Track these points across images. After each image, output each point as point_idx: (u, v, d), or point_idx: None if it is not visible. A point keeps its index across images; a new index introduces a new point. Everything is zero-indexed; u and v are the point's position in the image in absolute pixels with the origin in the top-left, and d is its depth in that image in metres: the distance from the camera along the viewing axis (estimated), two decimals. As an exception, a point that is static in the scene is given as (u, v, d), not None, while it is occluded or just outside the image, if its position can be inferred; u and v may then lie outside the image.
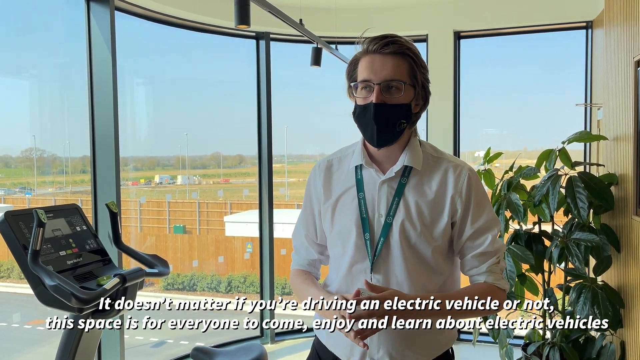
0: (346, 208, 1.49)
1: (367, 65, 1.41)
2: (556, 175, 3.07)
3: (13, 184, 4.11)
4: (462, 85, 4.57)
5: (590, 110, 4.20)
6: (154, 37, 4.36)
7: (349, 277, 1.48)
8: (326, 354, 1.56)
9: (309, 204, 1.60)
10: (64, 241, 2.07)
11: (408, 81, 1.41)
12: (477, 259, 1.46)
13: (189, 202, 5.75)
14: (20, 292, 4.25)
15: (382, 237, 1.44)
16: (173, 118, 4.87)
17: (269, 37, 4.48)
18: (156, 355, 4.66)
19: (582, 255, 2.96)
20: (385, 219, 1.44)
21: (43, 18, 3.67)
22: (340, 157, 1.58)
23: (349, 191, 1.50)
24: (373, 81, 1.39)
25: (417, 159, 1.46)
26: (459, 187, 1.44)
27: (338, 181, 1.54)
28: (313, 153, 5.98)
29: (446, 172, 1.47)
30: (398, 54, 1.40)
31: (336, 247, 1.52)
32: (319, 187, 1.56)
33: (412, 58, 1.41)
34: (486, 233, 1.46)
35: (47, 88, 3.95)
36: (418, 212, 1.43)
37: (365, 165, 1.49)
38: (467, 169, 1.48)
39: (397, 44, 1.40)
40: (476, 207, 1.45)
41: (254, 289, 5.31)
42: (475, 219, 1.45)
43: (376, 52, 1.40)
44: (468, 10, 4.41)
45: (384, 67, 1.39)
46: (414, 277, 1.43)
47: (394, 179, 1.46)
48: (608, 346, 3.02)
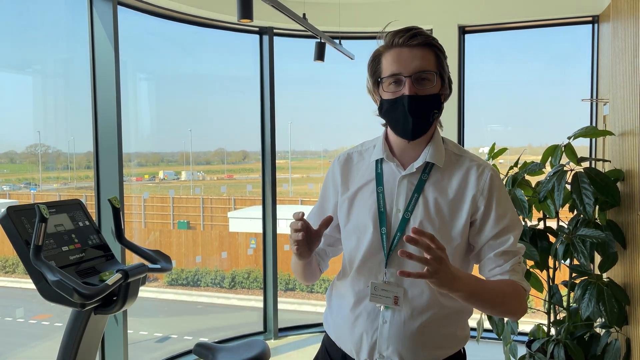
0: (364, 201, 1.48)
1: (394, 59, 1.39)
2: (562, 171, 3.05)
3: (18, 180, 4.12)
4: (467, 81, 4.54)
5: (596, 105, 4.17)
6: (157, 32, 4.35)
7: (364, 269, 1.46)
8: (335, 351, 1.54)
9: (325, 195, 1.60)
10: (67, 236, 2.07)
11: (436, 71, 1.41)
12: (501, 258, 1.42)
13: (193, 197, 5.76)
14: (25, 287, 4.26)
15: (398, 232, 1.42)
16: (176, 114, 4.86)
17: (272, 31, 4.46)
18: (160, 351, 4.67)
19: (588, 251, 2.94)
20: (403, 214, 1.43)
21: (46, 13, 3.66)
22: (361, 151, 1.57)
23: (368, 184, 1.49)
24: (403, 74, 1.38)
25: (439, 156, 1.45)
26: (480, 186, 1.42)
27: (357, 174, 1.53)
28: (317, 149, 5.97)
29: (468, 170, 1.45)
30: (424, 45, 1.40)
31: (350, 240, 1.50)
32: (338, 178, 1.55)
33: (437, 48, 1.42)
34: (509, 233, 1.43)
35: (50, 84, 3.95)
36: (437, 210, 1.41)
37: (386, 159, 1.48)
38: (489, 168, 1.46)
39: (422, 36, 1.40)
40: (499, 206, 1.43)
41: (258, 284, 5.32)
42: (499, 219, 1.42)
43: (403, 45, 1.39)
44: (473, 4, 4.38)
45: (414, 59, 1.38)
46: None
47: (414, 175, 1.45)
48: (613, 343, 3.00)
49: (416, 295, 1.41)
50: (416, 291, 1.41)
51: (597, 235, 2.90)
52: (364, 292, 1.45)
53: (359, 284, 1.47)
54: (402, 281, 1.41)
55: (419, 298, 1.41)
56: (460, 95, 4.51)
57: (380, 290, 1.41)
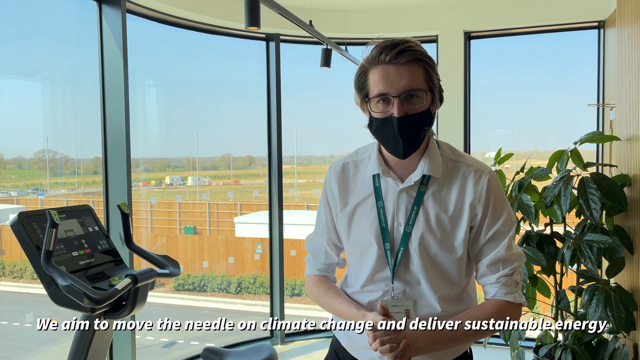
0: (365, 217, 1.46)
1: (381, 78, 1.34)
2: (568, 176, 3.05)
3: (26, 185, 4.15)
4: (473, 86, 4.55)
5: (602, 110, 4.16)
6: (165, 39, 4.39)
7: (371, 284, 1.46)
8: (345, 355, 1.55)
9: (327, 207, 1.57)
10: (77, 242, 2.09)
11: (426, 88, 1.36)
12: (489, 268, 1.43)
13: (199, 203, 5.78)
14: (34, 293, 4.29)
15: (401, 247, 1.42)
16: (183, 119, 4.89)
17: (279, 38, 4.49)
18: (167, 356, 4.68)
19: (595, 256, 2.93)
20: (404, 228, 1.42)
21: (55, 20, 3.70)
22: (356, 161, 1.53)
23: (367, 199, 1.47)
24: (391, 94, 1.34)
25: (436, 166, 1.43)
26: (478, 192, 1.41)
27: (355, 188, 1.50)
28: (323, 154, 5.99)
29: (465, 177, 1.43)
30: (412, 61, 1.34)
31: (354, 254, 1.50)
32: (335, 190, 1.53)
33: (426, 62, 1.37)
34: (500, 237, 1.43)
35: (59, 90, 3.98)
36: (437, 221, 1.40)
37: (382, 174, 1.45)
38: (486, 172, 1.44)
39: (410, 51, 1.33)
40: (494, 211, 1.42)
41: (264, 289, 5.32)
42: (493, 223, 1.42)
43: (389, 63, 1.33)
44: (478, 10, 4.39)
45: (401, 78, 1.33)
46: (434, 285, 1.42)
47: (412, 188, 1.43)
48: (621, 349, 2.99)
49: (424, 306, 1.42)
50: (424, 303, 1.42)
51: (605, 241, 2.89)
52: (372, 303, 1.46)
53: (368, 295, 1.47)
54: (410, 294, 1.42)
55: (428, 309, 1.42)
56: (466, 100, 4.52)
57: (390, 307, 1.42)
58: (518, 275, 1.44)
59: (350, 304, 1.46)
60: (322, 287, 1.56)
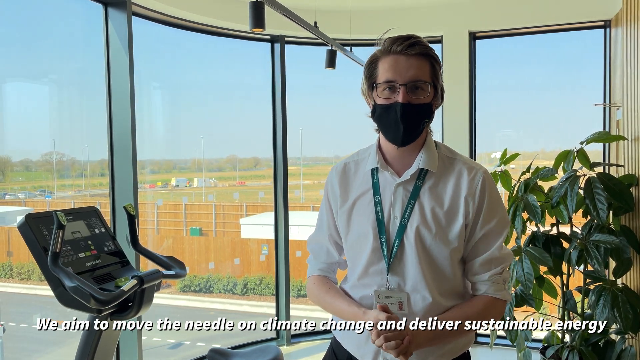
0: (363, 211, 1.50)
1: (390, 66, 1.41)
2: (574, 176, 3.03)
3: (33, 187, 4.18)
4: (478, 86, 4.54)
5: (609, 110, 4.14)
6: (171, 41, 4.41)
7: (366, 277, 1.49)
8: (342, 353, 1.57)
9: (328, 206, 1.61)
10: (83, 243, 2.10)
11: (430, 82, 1.43)
12: (481, 267, 1.46)
13: (205, 204, 5.80)
14: (41, 294, 4.31)
15: (397, 239, 1.44)
16: (189, 121, 4.91)
17: (283, 40, 4.50)
18: (173, 357, 4.69)
19: (602, 257, 2.91)
20: (400, 221, 1.45)
21: (62, 24, 3.73)
22: (357, 160, 1.59)
23: (365, 194, 1.51)
24: (398, 82, 1.40)
25: (432, 161, 1.47)
26: (472, 189, 1.45)
27: (355, 184, 1.55)
28: (328, 155, 5.99)
29: (460, 173, 1.47)
30: (421, 55, 1.42)
31: (352, 249, 1.53)
32: (336, 189, 1.57)
33: (433, 58, 1.44)
34: (495, 237, 1.46)
35: (65, 92, 4.01)
36: (433, 215, 1.44)
37: (380, 168, 1.50)
38: (482, 171, 1.48)
39: (421, 45, 1.41)
40: (488, 210, 1.45)
41: (270, 291, 5.33)
42: (486, 222, 1.45)
43: (400, 53, 1.41)
44: (483, 10, 4.38)
45: (410, 68, 1.40)
46: (428, 278, 1.43)
47: (409, 182, 1.47)
48: (628, 350, 2.97)
49: (418, 300, 1.44)
50: (418, 296, 1.44)
51: (611, 241, 2.88)
52: (368, 298, 1.48)
53: (363, 290, 1.50)
54: (405, 286, 1.44)
55: (422, 302, 1.44)
56: (472, 100, 4.51)
57: (384, 297, 1.45)
58: (507, 274, 1.50)
59: (351, 303, 1.49)
60: (323, 288, 1.59)
